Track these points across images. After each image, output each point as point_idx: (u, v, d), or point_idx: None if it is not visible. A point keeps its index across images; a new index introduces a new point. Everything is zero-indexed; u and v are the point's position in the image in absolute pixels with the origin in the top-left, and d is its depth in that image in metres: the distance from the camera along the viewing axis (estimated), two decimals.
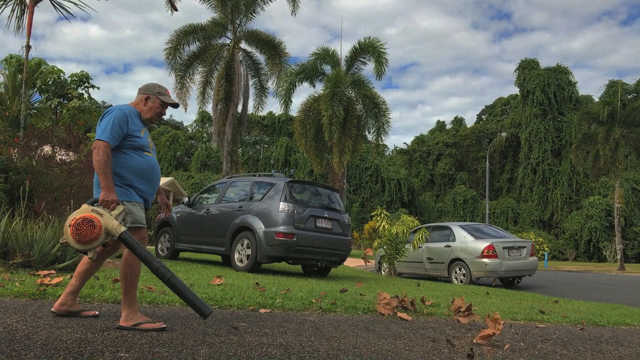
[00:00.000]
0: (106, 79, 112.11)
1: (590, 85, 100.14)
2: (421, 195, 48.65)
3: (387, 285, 8.11)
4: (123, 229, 2.89)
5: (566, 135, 40.80)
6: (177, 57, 20.58)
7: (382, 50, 18.47)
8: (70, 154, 9.00)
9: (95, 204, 2.96)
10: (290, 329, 3.42)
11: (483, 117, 58.32)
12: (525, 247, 11.11)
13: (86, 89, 13.28)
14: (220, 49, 21.15)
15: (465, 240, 11.04)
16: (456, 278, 10.96)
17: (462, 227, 11.66)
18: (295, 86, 20.06)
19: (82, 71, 13.38)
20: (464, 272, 10.83)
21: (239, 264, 8.27)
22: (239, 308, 4.19)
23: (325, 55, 19.44)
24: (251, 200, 8.57)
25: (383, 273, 12.80)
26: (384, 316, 4.41)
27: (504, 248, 10.62)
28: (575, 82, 43.50)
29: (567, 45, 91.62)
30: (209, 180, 38.30)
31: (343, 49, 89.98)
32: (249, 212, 8.36)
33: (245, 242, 8.24)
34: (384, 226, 11.52)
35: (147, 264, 2.89)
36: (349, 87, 19.04)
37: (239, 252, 8.34)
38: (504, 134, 41.34)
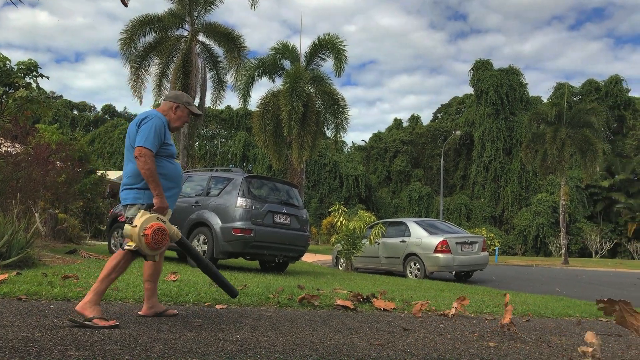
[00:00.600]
0: (56, 68, 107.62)
1: (540, 86, 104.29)
2: (378, 191, 49.32)
3: (344, 280, 8.20)
4: (180, 234, 3.30)
5: (517, 134, 42.27)
6: (132, 48, 19.98)
7: (341, 47, 18.58)
8: (17, 145, 8.61)
9: (149, 210, 3.14)
10: (247, 325, 3.42)
11: (439, 115, 59.63)
12: (477, 242, 11.46)
13: (34, 78, 12.69)
14: (177, 40, 20.70)
15: (419, 236, 11.29)
16: (411, 272, 11.20)
17: (417, 222, 11.91)
18: (254, 80, 19.89)
19: (29, 59, 12.77)
20: (418, 266, 11.08)
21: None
22: (194, 304, 4.15)
23: (285, 51, 19.36)
24: (208, 196, 8.47)
25: (340, 268, 12.92)
26: (340, 310, 4.47)
27: (457, 243, 10.92)
28: (526, 84, 45.16)
29: (519, 47, 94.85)
30: None
31: (303, 45, 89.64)
32: (206, 207, 8.26)
33: (202, 237, 8.15)
34: (341, 222, 11.62)
35: (198, 262, 3.46)
36: (309, 83, 19.04)
37: (196, 247, 8.23)
38: (458, 133, 42.47)
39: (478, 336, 3.73)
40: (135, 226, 3.03)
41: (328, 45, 18.61)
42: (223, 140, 52.91)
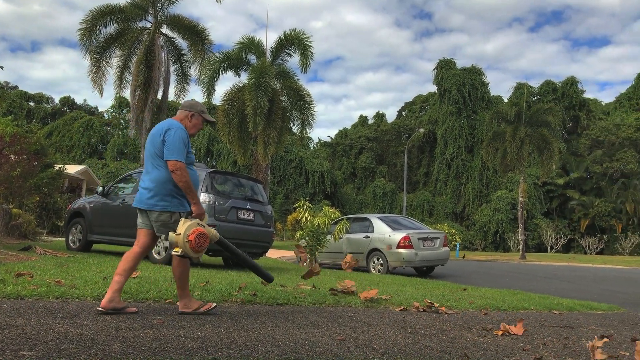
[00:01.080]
0: (10, 58, 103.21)
1: (501, 86, 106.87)
2: (343, 187, 49.62)
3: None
4: (218, 235, 3.70)
5: (478, 132, 43.29)
6: (93, 39, 19.36)
7: (307, 42, 18.53)
8: None
9: (189, 217, 3.51)
10: (209, 321, 3.40)
11: (403, 113, 60.40)
12: (439, 238, 11.70)
13: None
14: (140, 32, 20.18)
15: (383, 232, 11.43)
16: (374, 268, 11.34)
17: (380, 218, 12.06)
18: (219, 74, 19.61)
19: None
20: (381, 262, 11.22)
21: (156, 256, 8.03)
22: (155, 301, 4.09)
23: (251, 45, 19.16)
24: None
25: (305, 264, 12.95)
26: (301, 306, 4.49)
27: (419, 239, 11.12)
28: (488, 83, 46.28)
29: (481, 47, 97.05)
30: (125, 170, 36.63)
31: (269, 40, 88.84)
32: None
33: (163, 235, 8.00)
34: (306, 217, 11.65)
35: (240, 259, 3.84)
36: (274, 78, 18.92)
37: (157, 245, 8.08)
38: (421, 130, 43.18)
39: (437, 330, 3.82)
40: (180, 234, 3.38)
41: (294, 41, 18.52)
42: None
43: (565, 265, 19.22)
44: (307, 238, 11.67)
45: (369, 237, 11.63)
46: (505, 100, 45.03)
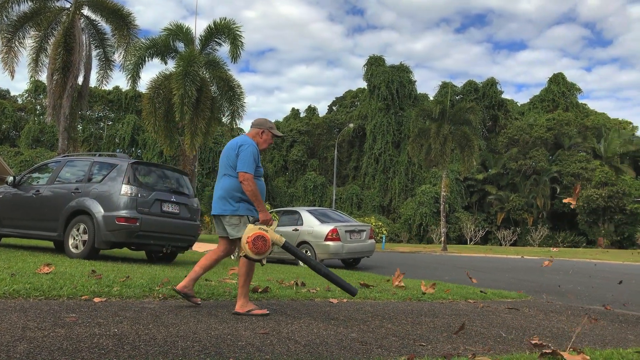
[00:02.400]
0: None
1: (428, 84, 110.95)
2: (274, 180, 49.49)
3: (235, 268, 8.14)
4: (284, 239, 3.92)
5: (405, 129, 44.70)
6: (4, 17, 17.94)
7: (238, 32, 18.21)
8: None
9: (256, 223, 3.84)
10: (127, 318, 3.28)
11: (334, 108, 61.11)
12: (365, 230, 11.99)
13: None
14: (58, 13, 18.91)
15: (312, 224, 11.55)
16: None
17: (309, 211, 12.16)
18: (145, 61, 18.80)
19: None
20: (309, 254, 11.33)
21: (73, 250, 7.63)
22: (69, 298, 3.88)
23: (179, 32, 18.54)
24: (89, 182, 7.92)
25: (232, 257, 12.81)
26: (226, 301, 4.45)
27: (346, 231, 11.34)
28: (415, 81, 47.86)
29: (411, 45, 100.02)
30: (41, 158, 34.37)
31: (198, 28, 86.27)
32: (87, 194, 7.72)
33: (82, 226, 7.62)
34: None
35: (307, 263, 3.96)
36: (203, 68, 18.44)
37: (74, 238, 7.68)
38: (351, 125, 43.93)
39: (360, 321, 3.92)
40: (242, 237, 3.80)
41: (224, 30, 18.13)
42: (110, 123, 49.61)
43: (483, 256, 20.37)
44: None
45: (297, 230, 11.69)
46: (431, 98, 46.79)
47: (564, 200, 6.14)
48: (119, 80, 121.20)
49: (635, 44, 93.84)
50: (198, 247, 16.89)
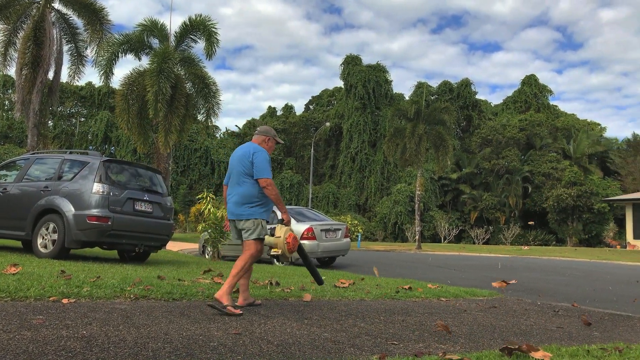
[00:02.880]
0: None
1: (404, 84, 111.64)
2: None
3: (209, 268, 8.07)
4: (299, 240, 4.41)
5: (381, 128, 45.00)
6: None
7: (213, 29, 18.01)
8: None
9: (281, 224, 4.29)
10: (97, 319, 3.23)
11: (311, 106, 61.09)
12: (340, 229, 12.04)
13: None
14: (27, 6, 18.40)
15: None
16: (276, 259, 11.39)
17: None
18: (118, 57, 18.44)
19: None
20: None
21: (42, 250, 7.46)
22: (37, 299, 3.80)
23: (153, 28, 18.23)
24: (60, 180, 7.76)
25: (207, 257, 12.72)
26: (199, 301, 4.41)
27: (321, 230, 11.36)
28: (391, 81, 48.17)
29: (388, 45, 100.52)
30: (10, 155, 33.44)
31: (174, 24, 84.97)
32: (57, 192, 7.56)
33: (51, 225, 7.45)
34: (209, 209, 11.42)
35: (307, 264, 4.59)
36: (178, 64, 18.18)
37: (43, 237, 7.51)
38: (328, 124, 43.99)
39: (333, 320, 3.94)
40: (280, 237, 4.19)
41: (200, 27, 17.91)
42: (83, 120, 48.55)
43: (456, 255, 20.67)
44: (209, 230, 11.46)
45: (273, 228, 11.65)
46: (407, 98, 47.19)
47: (493, 284, 6.37)
48: (91, 76, 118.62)
49: (604, 47, 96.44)
50: (172, 246, 16.70)
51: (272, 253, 4.20)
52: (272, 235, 4.26)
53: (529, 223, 36.47)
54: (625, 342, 3.68)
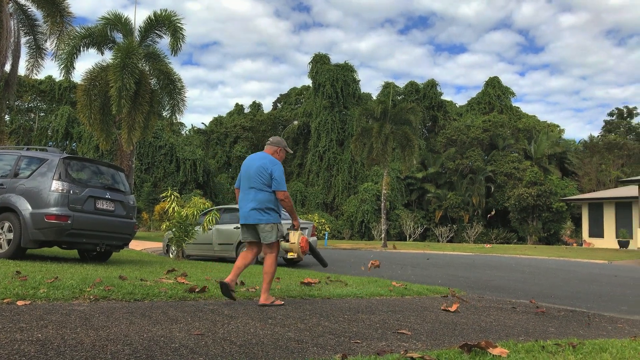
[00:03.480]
0: None
1: (371, 84, 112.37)
2: (217, 176, 48.70)
3: (173, 268, 7.95)
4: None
5: (349, 127, 45.24)
6: None
7: (179, 25, 17.69)
8: None
9: (292, 229, 4.89)
10: (53, 322, 3.13)
11: (279, 104, 60.88)
12: (307, 228, 12.04)
13: None
14: None
15: None
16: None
17: None
18: (80, 51, 17.92)
19: None
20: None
21: None
22: None
23: (117, 22, 17.79)
24: (16, 177, 7.49)
25: (171, 256, 12.53)
26: (161, 301, 4.34)
27: (288, 229, 11.32)
28: (359, 80, 48.42)
29: (356, 44, 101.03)
30: None
31: (138, 18, 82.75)
32: (13, 190, 7.30)
33: (6, 224, 7.20)
34: (173, 208, 11.24)
35: (320, 260, 5.14)
36: (143, 60, 17.80)
37: None
38: (296, 123, 43.98)
39: (297, 319, 3.94)
40: (294, 243, 4.77)
41: (165, 22, 17.56)
42: (42, 115, 46.94)
43: (421, 253, 20.99)
44: (173, 229, 11.29)
45: (239, 227, 11.55)
46: (374, 97, 47.58)
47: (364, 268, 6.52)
48: (51, 69, 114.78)
49: (564, 51, 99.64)
50: (135, 245, 16.38)
51: (288, 256, 5.23)
52: (287, 240, 4.83)
53: (488, 216, 37.44)
54: (579, 337, 3.83)
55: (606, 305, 6.66)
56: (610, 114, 54.29)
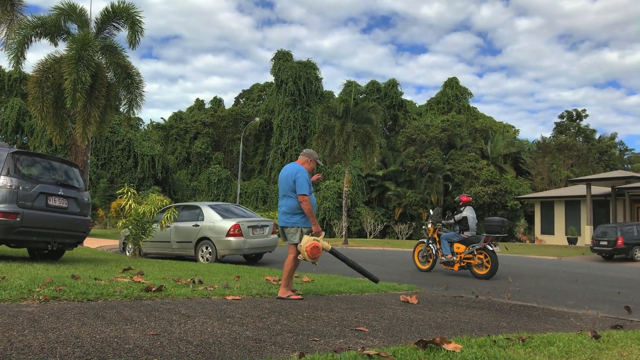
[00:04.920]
0: None
1: (334, 82, 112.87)
2: (176, 173, 47.81)
3: (129, 266, 7.76)
4: (330, 246, 5.21)
5: (311, 125, 45.30)
6: None
7: (137, 17, 17.21)
8: None
9: (310, 234, 5.13)
10: None
11: (241, 100, 60.28)
12: (268, 225, 12.00)
13: None
14: None
15: (213, 220, 11.33)
16: (202, 257, 11.19)
17: (211, 207, 11.92)
18: (32, 41, 17.17)
19: None
20: (210, 250, 11.12)
21: None
22: None
23: (71, 12, 17.14)
24: None
25: (128, 254, 12.23)
26: (116, 301, 4.23)
27: (248, 227, 11.27)
28: (321, 78, 48.52)
29: (319, 42, 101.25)
30: None
31: (94, 9, 79.92)
32: None
33: None
34: (130, 205, 10.96)
35: (348, 263, 5.51)
36: (99, 52, 17.23)
37: None
38: (257, 119, 43.63)
39: (256, 318, 3.93)
40: (301, 246, 5.02)
41: (123, 14, 17.04)
42: None
43: (381, 250, 21.27)
44: (130, 227, 11.02)
45: (198, 225, 11.41)
46: (337, 95, 47.79)
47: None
48: (0, 59, 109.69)
49: (520, 54, 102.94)
50: (90, 243, 15.91)
51: (299, 257, 5.09)
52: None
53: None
54: (529, 331, 3.97)
55: (555, 299, 6.94)
56: (561, 116, 56.51)
